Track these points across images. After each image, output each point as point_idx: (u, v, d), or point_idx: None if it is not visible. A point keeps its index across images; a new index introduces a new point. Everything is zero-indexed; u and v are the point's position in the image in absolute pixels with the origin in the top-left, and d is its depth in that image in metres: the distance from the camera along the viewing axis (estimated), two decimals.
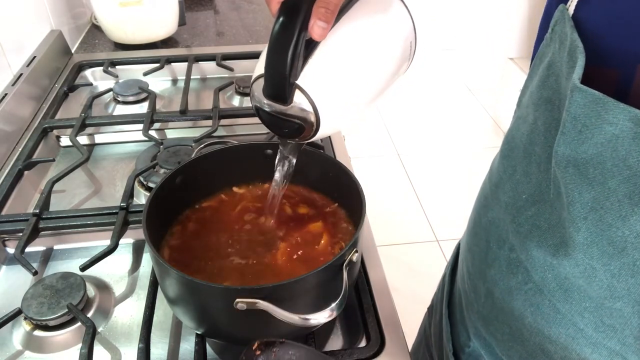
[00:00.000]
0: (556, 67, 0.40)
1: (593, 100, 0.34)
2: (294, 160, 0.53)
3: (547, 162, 0.41)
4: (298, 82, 0.43)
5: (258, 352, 0.42)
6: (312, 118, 0.44)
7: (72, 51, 1.18)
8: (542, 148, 0.41)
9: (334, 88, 0.45)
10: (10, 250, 0.69)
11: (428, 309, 0.77)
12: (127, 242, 0.70)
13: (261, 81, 0.45)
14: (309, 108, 0.44)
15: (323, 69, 0.44)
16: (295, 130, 0.46)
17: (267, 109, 0.46)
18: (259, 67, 0.45)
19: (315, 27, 0.41)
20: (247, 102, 1.01)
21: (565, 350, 0.43)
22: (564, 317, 0.42)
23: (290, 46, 0.40)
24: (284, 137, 0.51)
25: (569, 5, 0.39)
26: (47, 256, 0.69)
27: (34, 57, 0.99)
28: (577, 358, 0.43)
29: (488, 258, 0.50)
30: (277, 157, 0.54)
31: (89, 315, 0.59)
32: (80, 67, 1.08)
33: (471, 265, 0.55)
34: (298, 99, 0.44)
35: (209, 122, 0.89)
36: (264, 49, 0.44)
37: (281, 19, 0.41)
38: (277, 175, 0.55)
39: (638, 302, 0.36)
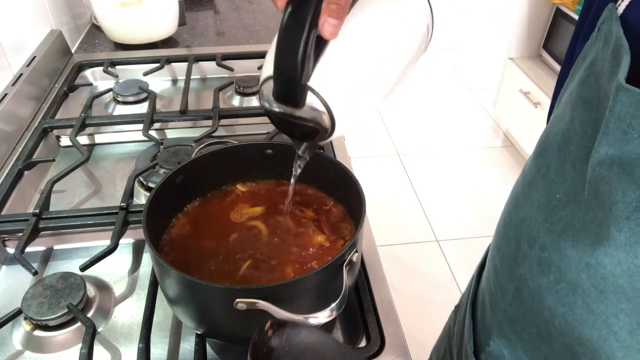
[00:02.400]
0: (598, 67, 0.40)
1: (639, 100, 0.34)
2: (308, 159, 0.52)
3: (583, 162, 0.40)
4: (310, 83, 0.40)
5: (270, 333, 0.41)
6: (327, 120, 0.42)
7: (72, 51, 1.18)
8: (578, 148, 0.41)
9: (349, 87, 0.42)
10: (10, 250, 0.69)
11: (455, 307, 0.76)
12: (127, 242, 0.70)
13: (270, 82, 0.43)
14: (323, 109, 0.41)
15: (336, 68, 0.41)
16: (309, 132, 0.44)
17: (277, 112, 0.44)
18: (267, 67, 0.43)
19: (327, 25, 0.38)
20: (247, 102, 1.01)
21: (595, 353, 0.43)
22: (598, 318, 0.41)
23: (300, 46, 0.38)
24: (297, 140, 0.49)
25: (619, 5, 0.39)
26: (47, 256, 0.69)
27: (34, 57, 0.99)
28: (605, 356, 0.42)
29: (518, 257, 0.50)
30: (295, 157, 0.52)
31: (89, 315, 0.59)
32: (80, 67, 1.08)
33: (499, 264, 0.54)
34: (310, 100, 0.41)
35: (209, 122, 0.89)
36: (270, 48, 0.42)
37: (289, 16, 0.38)
38: (295, 174, 0.54)
39: None
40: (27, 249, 0.64)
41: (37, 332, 0.57)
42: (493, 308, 0.56)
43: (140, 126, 0.87)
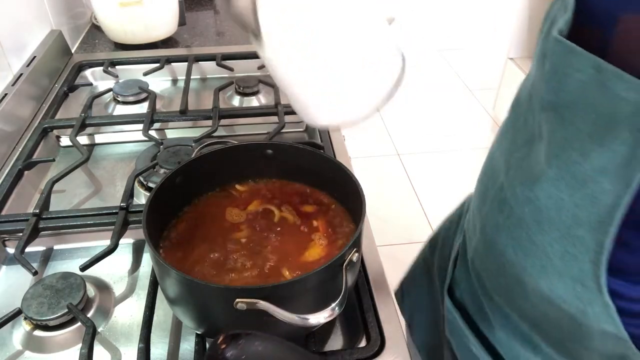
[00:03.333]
0: (555, 24, 0.43)
1: (568, 50, 0.38)
2: None
3: (539, 112, 0.45)
4: None
5: (223, 346, 0.41)
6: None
7: (72, 51, 1.18)
8: (536, 98, 0.46)
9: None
10: (10, 250, 0.69)
11: (430, 240, 0.82)
12: (127, 242, 0.70)
13: None
14: None
15: None
16: None
17: None
18: None
19: None
20: (247, 102, 1.01)
21: (537, 281, 0.47)
22: (538, 247, 0.46)
23: None
24: None
25: None
26: (47, 256, 0.69)
27: (34, 57, 0.99)
28: (546, 288, 0.47)
29: (485, 197, 0.55)
30: None
31: (89, 315, 0.59)
32: (80, 67, 1.08)
33: (474, 206, 0.60)
34: None
35: (209, 122, 0.89)
36: None
37: None
38: None
39: (595, 229, 0.41)
40: (27, 249, 0.64)
41: (37, 332, 0.57)
42: (467, 245, 0.62)
43: (140, 126, 0.87)
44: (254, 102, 1.01)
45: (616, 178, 0.37)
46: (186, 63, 1.07)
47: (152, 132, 0.87)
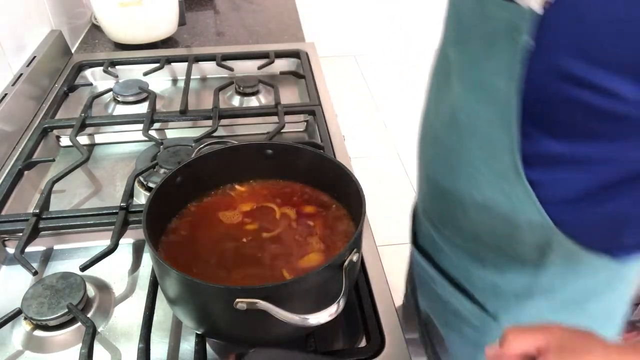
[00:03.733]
0: None
1: None
2: None
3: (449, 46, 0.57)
4: None
5: None
6: None
7: (72, 51, 1.18)
8: (446, 37, 0.57)
9: None
10: (10, 250, 0.69)
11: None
12: (127, 242, 0.70)
13: None
14: None
15: None
16: None
17: None
18: None
19: None
20: (247, 102, 1.01)
21: (471, 193, 0.56)
22: (465, 161, 0.55)
23: None
24: None
25: None
26: (47, 256, 0.69)
27: (34, 57, 0.99)
28: (479, 197, 0.55)
29: (425, 143, 0.67)
30: None
31: (89, 315, 0.59)
32: (80, 67, 1.08)
33: (418, 160, 0.71)
34: None
35: (209, 122, 0.89)
36: None
37: None
38: None
39: (503, 125, 0.48)
40: (27, 249, 0.64)
41: (37, 332, 0.57)
42: (419, 200, 0.75)
43: (140, 126, 0.87)
44: (254, 102, 1.01)
45: (505, 76, 0.46)
46: (186, 63, 1.07)
47: (152, 132, 0.87)
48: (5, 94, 0.87)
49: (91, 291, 0.61)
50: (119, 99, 0.99)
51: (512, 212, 0.52)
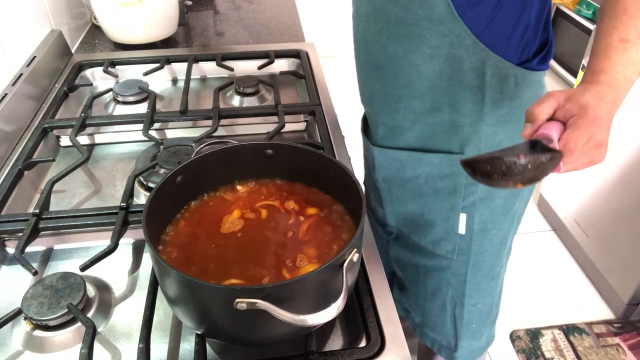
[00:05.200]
0: None
1: None
2: None
3: None
4: None
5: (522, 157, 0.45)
6: None
7: (72, 51, 1.18)
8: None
9: None
10: (10, 250, 0.69)
11: None
12: (127, 242, 0.70)
13: None
14: None
15: None
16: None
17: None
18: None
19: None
20: (247, 102, 1.01)
21: (415, 49, 0.67)
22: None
23: None
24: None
25: None
26: (47, 256, 0.69)
27: (34, 57, 0.99)
28: (427, 50, 0.66)
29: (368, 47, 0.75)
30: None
31: (89, 315, 0.59)
32: (80, 67, 1.08)
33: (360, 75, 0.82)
34: None
35: (209, 122, 0.89)
36: None
37: None
38: None
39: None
40: (27, 249, 0.64)
41: (37, 332, 0.57)
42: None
43: (140, 126, 0.87)
44: (254, 102, 1.01)
45: None
46: (186, 63, 1.07)
47: (152, 132, 0.87)
48: (5, 94, 0.87)
49: (91, 291, 0.61)
50: (119, 99, 0.99)
51: (454, 49, 0.64)
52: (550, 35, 0.69)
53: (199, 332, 0.54)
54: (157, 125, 0.91)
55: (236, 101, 1.01)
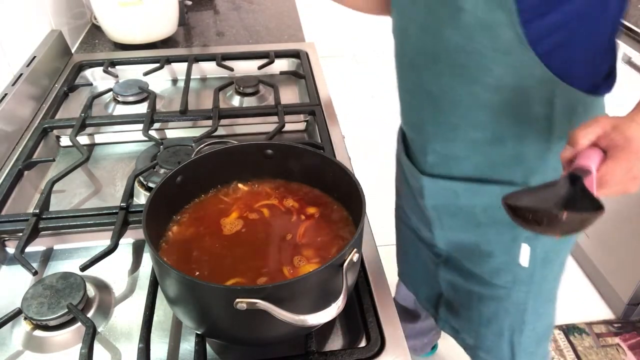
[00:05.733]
0: None
1: None
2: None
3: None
4: None
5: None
6: None
7: (72, 51, 1.18)
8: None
9: None
10: (10, 250, 0.69)
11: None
12: (127, 242, 0.70)
13: None
14: None
15: None
16: None
17: None
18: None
19: None
20: (247, 102, 1.01)
21: (477, 76, 0.61)
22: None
23: None
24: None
25: None
26: (47, 256, 0.69)
27: (34, 57, 0.99)
28: (491, 80, 0.60)
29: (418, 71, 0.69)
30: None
31: (89, 315, 0.59)
32: (80, 67, 1.08)
33: (408, 102, 0.75)
34: None
35: (209, 122, 0.89)
36: None
37: None
38: None
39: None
40: (27, 249, 0.64)
41: (37, 332, 0.57)
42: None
43: (140, 126, 0.87)
44: (254, 102, 1.01)
45: None
46: (186, 63, 1.07)
47: (152, 132, 0.87)
48: (5, 94, 0.87)
49: (91, 291, 0.61)
50: (119, 99, 0.99)
51: (521, 80, 0.59)
52: (616, 59, 0.66)
53: (199, 332, 0.54)
54: (157, 125, 0.91)
55: (236, 101, 1.01)
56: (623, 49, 1.41)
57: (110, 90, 1.00)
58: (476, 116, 0.65)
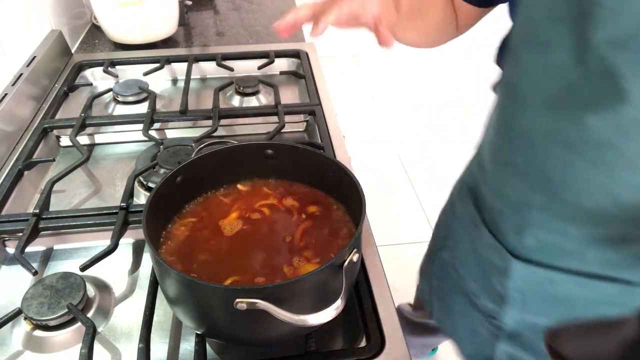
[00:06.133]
0: None
1: None
2: None
3: (571, 60, 0.47)
4: None
5: None
6: None
7: (72, 51, 1.18)
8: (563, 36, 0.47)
9: None
10: (10, 250, 0.69)
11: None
12: (127, 242, 0.70)
13: None
14: None
15: None
16: None
17: None
18: None
19: None
20: (247, 102, 1.01)
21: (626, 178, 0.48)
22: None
23: None
24: None
25: None
26: (47, 256, 0.69)
27: (34, 57, 0.99)
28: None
29: (538, 153, 0.53)
30: None
31: (89, 315, 0.59)
32: (80, 67, 1.08)
33: (513, 175, 0.58)
34: None
35: (209, 122, 0.89)
36: None
37: None
38: None
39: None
40: (27, 249, 0.64)
41: (37, 332, 0.57)
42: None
43: (140, 126, 0.87)
44: (254, 102, 1.01)
45: None
46: (186, 63, 1.07)
47: (152, 132, 0.87)
48: (5, 94, 0.87)
49: (91, 291, 0.61)
50: (119, 99, 0.99)
51: None
52: None
53: (199, 332, 0.54)
54: (157, 125, 0.91)
55: (236, 101, 1.01)
56: None
57: (110, 90, 1.00)
58: (605, 214, 0.51)
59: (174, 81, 1.12)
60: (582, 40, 0.44)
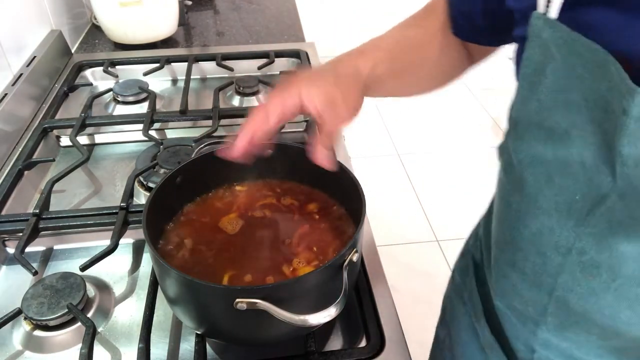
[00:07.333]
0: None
1: None
2: None
3: (597, 160, 0.39)
4: None
5: None
6: None
7: (72, 51, 1.18)
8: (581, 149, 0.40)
9: None
10: (10, 250, 0.69)
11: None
12: (127, 242, 0.70)
13: None
14: None
15: None
16: None
17: None
18: None
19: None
20: (247, 102, 1.01)
21: None
22: None
23: None
24: None
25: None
26: (47, 256, 0.69)
27: (34, 57, 0.99)
28: None
29: (550, 268, 0.46)
30: None
31: (89, 315, 0.59)
32: (80, 67, 1.08)
33: (521, 282, 0.51)
34: None
35: (209, 122, 0.89)
36: None
37: None
38: None
39: None
40: (27, 249, 0.64)
41: (37, 332, 0.57)
42: (526, 326, 0.53)
43: (140, 126, 0.87)
44: (254, 102, 1.01)
45: None
46: (186, 63, 1.07)
47: (152, 132, 0.87)
48: (5, 94, 0.87)
49: (91, 291, 0.61)
50: (119, 99, 0.99)
51: None
52: None
53: (199, 332, 0.54)
54: (157, 125, 0.91)
55: (236, 101, 1.01)
56: None
57: (110, 90, 1.00)
58: (626, 332, 0.46)
59: (174, 81, 1.12)
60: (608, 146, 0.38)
